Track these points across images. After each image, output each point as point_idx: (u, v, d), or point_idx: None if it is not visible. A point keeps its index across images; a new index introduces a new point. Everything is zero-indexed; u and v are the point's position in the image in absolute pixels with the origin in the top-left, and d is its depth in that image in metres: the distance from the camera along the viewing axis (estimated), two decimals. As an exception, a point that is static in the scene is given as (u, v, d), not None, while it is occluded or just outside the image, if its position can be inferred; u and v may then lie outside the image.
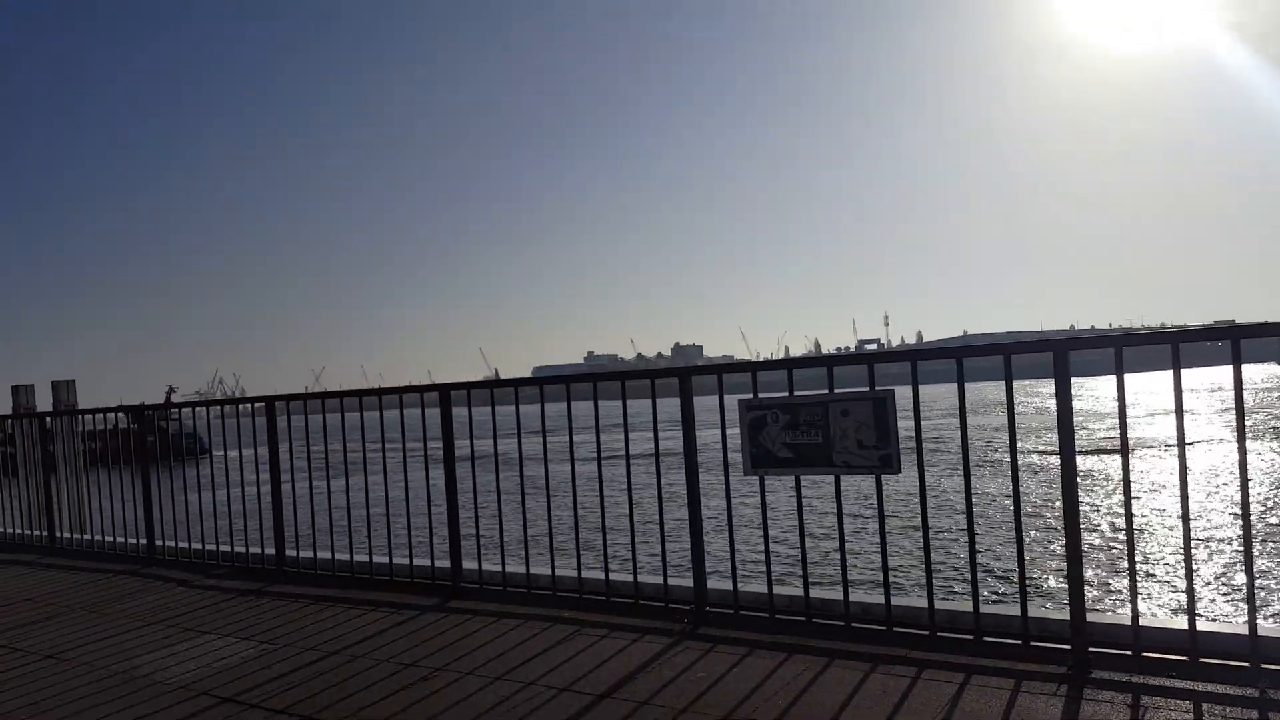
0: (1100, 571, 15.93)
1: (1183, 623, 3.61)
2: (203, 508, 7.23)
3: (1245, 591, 3.74)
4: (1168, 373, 3.61)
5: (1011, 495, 4.01)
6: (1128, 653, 3.62)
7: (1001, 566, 15.68)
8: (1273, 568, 15.63)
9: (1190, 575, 3.75)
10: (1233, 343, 3.55)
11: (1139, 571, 5.08)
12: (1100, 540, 18.41)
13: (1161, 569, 16.34)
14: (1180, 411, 3.66)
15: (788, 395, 4.37)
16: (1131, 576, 3.83)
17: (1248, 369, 3.58)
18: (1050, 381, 3.79)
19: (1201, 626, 3.58)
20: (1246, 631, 3.47)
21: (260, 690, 4.10)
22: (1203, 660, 3.48)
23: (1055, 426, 3.82)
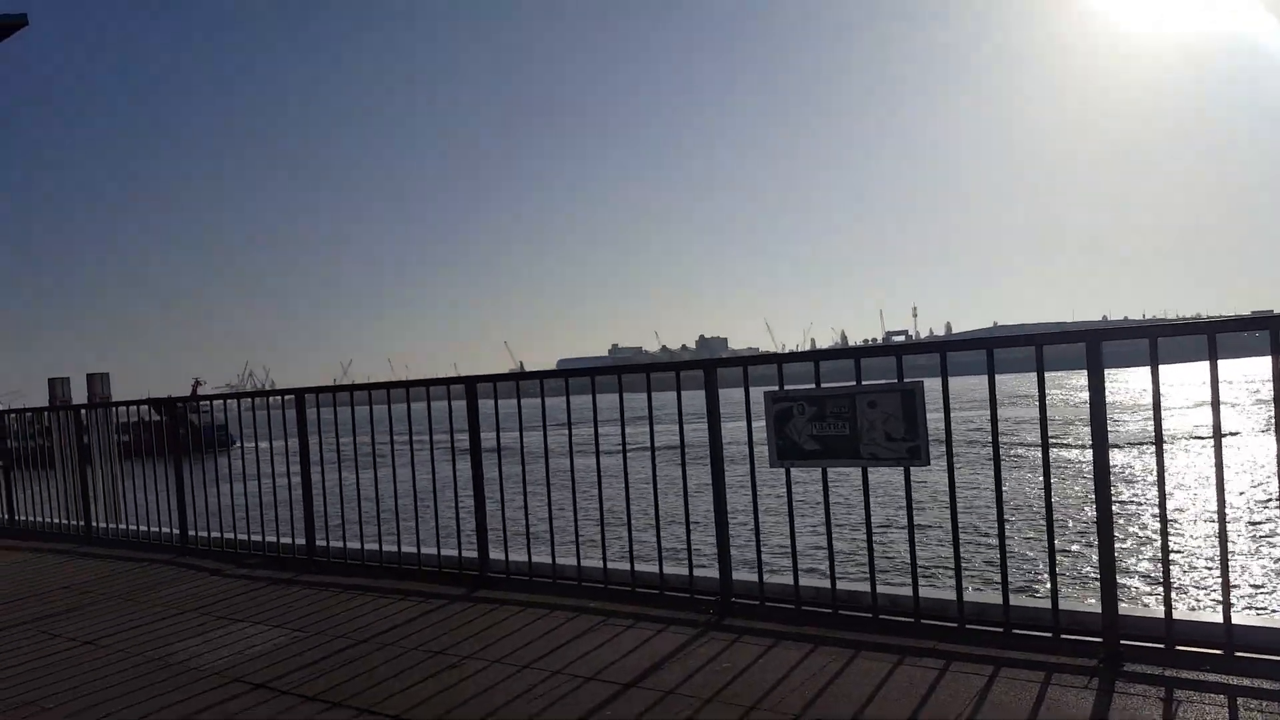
0: (1133, 564, 15.72)
1: (1218, 616, 3.55)
2: (234, 499, 7.34)
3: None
4: (1201, 364, 3.54)
5: (1042, 488, 3.96)
6: (1161, 646, 3.57)
7: (1031, 559, 15.52)
8: (1310, 563, 15.34)
9: (1225, 568, 3.69)
10: (1271, 333, 3.47)
11: (1172, 564, 4.99)
12: (1133, 533, 18.16)
13: (1197, 562, 16.08)
14: (1217, 403, 3.59)
15: (814, 387, 4.35)
16: (1165, 569, 3.77)
17: (1286, 359, 3.50)
18: (1081, 373, 3.74)
19: (1237, 620, 3.52)
20: (1283, 625, 3.42)
21: (291, 677, 4.15)
22: (1238, 654, 3.43)
23: (1087, 419, 3.77)
